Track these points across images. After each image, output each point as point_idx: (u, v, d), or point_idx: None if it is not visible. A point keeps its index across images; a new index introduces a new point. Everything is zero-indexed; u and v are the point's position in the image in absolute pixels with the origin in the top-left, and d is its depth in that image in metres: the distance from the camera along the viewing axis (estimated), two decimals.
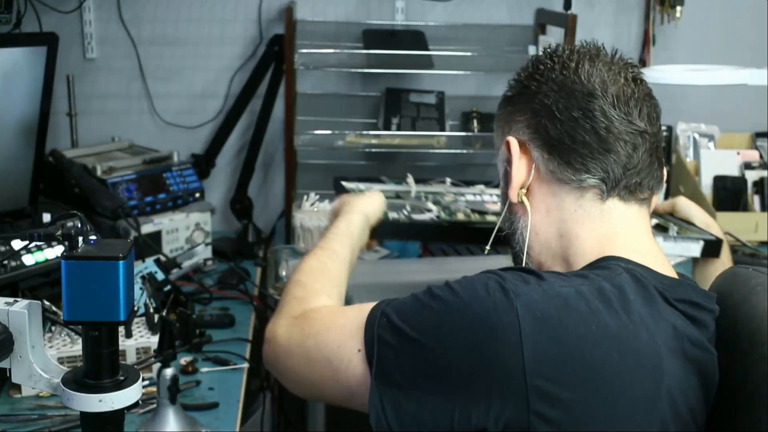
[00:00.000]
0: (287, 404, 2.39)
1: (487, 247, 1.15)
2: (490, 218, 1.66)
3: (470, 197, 1.82)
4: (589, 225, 1.02)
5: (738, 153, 2.43)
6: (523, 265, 1.06)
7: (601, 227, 1.02)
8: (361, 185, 1.83)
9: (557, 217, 1.04)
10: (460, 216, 1.67)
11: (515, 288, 0.88)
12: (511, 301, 0.86)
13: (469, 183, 1.95)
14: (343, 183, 1.83)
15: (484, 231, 1.51)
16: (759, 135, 2.56)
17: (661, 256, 1.03)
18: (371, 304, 0.98)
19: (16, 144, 1.85)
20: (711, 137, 2.51)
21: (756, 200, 2.36)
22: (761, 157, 2.44)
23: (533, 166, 1.04)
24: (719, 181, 2.37)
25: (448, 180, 1.95)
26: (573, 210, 1.03)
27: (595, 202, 1.02)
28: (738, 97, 2.44)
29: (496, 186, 1.88)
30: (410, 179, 1.88)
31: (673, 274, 1.01)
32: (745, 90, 2.11)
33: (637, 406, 0.87)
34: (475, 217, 1.68)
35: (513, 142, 1.05)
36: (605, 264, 0.97)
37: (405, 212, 1.63)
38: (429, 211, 1.68)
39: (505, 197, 1.09)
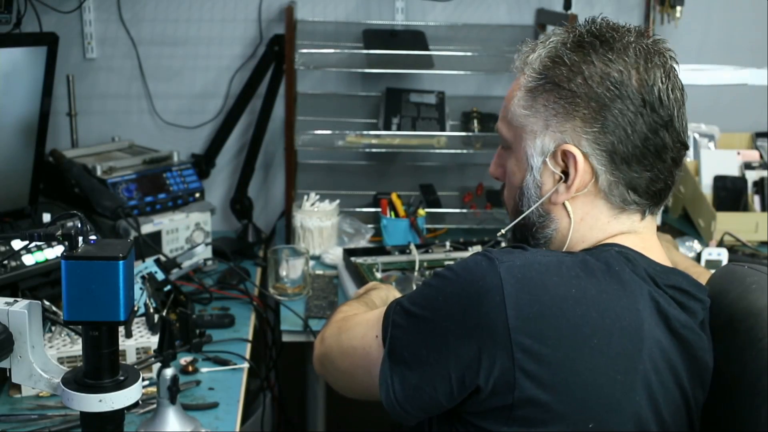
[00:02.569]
0: (287, 404, 2.39)
1: (503, 231, 1.13)
2: None
3: None
4: (614, 232, 1.04)
5: (738, 153, 2.43)
6: None
7: (622, 232, 1.04)
8: (369, 259, 2.04)
9: (588, 225, 1.04)
10: None
11: (499, 257, 0.96)
12: (494, 266, 0.94)
13: (468, 244, 2.13)
14: (352, 258, 2.02)
15: None
16: (759, 135, 2.56)
17: (663, 254, 1.05)
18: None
19: (16, 144, 1.85)
20: (711, 137, 2.51)
21: (756, 200, 2.36)
22: (761, 157, 2.44)
23: (593, 180, 1.01)
24: (719, 181, 2.38)
25: (448, 243, 2.11)
26: (607, 222, 1.04)
27: (633, 217, 1.04)
28: (738, 97, 2.44)
29: (492, 246, 2.03)
30: (412, 248, 2.05)
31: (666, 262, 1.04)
32: (745, 90, 2.11)
33: (617, 365, 0.91)
34: None
35: (578, 155, 1.00)
36: (599, 246, 1.02)
37: None
38: None
39: (535, 188, 1.05)
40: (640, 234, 1.04)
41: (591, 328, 0.91)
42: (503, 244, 1.16)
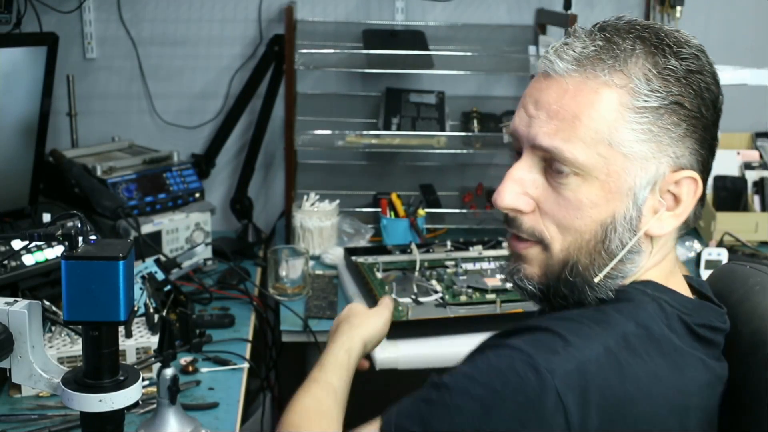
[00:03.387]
0: (287, 404, 2.39)
1: (601, 275, 0.93)
2: (490, 296, 1.85)
3: (470, 266, 2.01)
4: (658, 258, 0.96)
5: (738, 153, 2.43)
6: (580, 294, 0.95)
7: (665, 255, 0.97)
8: (370, 258, 2.04)
9: (657, 249, 0.95)
10: (463, 298, 1.84)
11: (547, 364, 0.83)
12: (547, 380, 0.82)
13: (468, 244, 2.14)
14: (353, 258, 2.04)
15: (486, 318, 1.72)
16: (759, 135, 2.56)
17: (682, 279, 1.00)
18: (370, 426, 0.91)
19: (16, 144, 1.85)
20: None
21: (756, 200, 2.36)
22: (761, 157, 2.44)
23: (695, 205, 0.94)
24: (719, 181, 2.37)
25: (449, 243, 2.12)
26: (667, 242, 0.96)
27: (676, 233, 0.97)
28: (738, 97, 2.43)
29: (492, 246, 2.09)
30: (413, 247, 2.05)
31: (688, 291, 0.99)
32: (745, 90, 2.11)
33: None
34: (477, 296, 1.85)
35: (699, 181, 0.92)
36: (632, 292, 0.93)
37: (412, 296, 1.84)
38: (435, 292, 1.87)
39: (635, 221, 0.92)
40: (671, 257, 0.98)
41: (647, 423, 0.86)
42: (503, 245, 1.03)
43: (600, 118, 0.89)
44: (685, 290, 0.98)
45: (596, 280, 0.92)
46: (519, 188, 0.94)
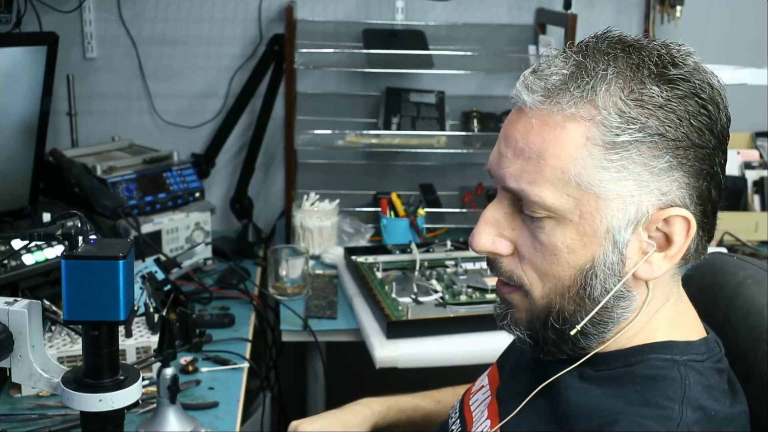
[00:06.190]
0: (287, 404, 2.39)
1: (578, 327, 0.86)
2: (490, 296, 1.84)
3: (470, 266, 2.00)
4: (668, 295, 0.89)
5: (738, 153, 2.43)
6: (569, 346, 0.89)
7: (668, 295, 0.90)
8: (370, 258, 2.05)
9: (657, 291, 0.88)
10: (463, 298, 1.84)
11: None
12: None
13: (468, 243, 2.06)
14: (353, 257, 2.05)
15: (486, 318, 1.69)
16: (759, 135, 2.56)
17: (688, 305, 0.94)
18: None
19: (16, 144, 1.85)
20: None
21: (756, 200, 2.37)
22: (761, 157, 2.45)
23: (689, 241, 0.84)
24: None
25: (449, 242, 2.11)
26: (666, 281, 0.88)
27: (680, 267, 0.89)
28: (738, 97, 2.42)
29: None
30: (413, 247, 2.05)
31: (695, 319, 0.93)
32: (745, 90, 2.11)
33: None
34: (476, 296, 1.85)
35: (692, 219, 0.82)
36: (663, 366, 0.85)
37: (412, 296, 1.84)
38: (435, 291, 1.87)
39: (618, 265, 0.84)
40: (679, 296, 0.91)
41: None
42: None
43: (566, 156, 0.81)
44: (697, 323, 0.93)
45: (578, 327, 0.86)
46: (494, 230, 0.89)
